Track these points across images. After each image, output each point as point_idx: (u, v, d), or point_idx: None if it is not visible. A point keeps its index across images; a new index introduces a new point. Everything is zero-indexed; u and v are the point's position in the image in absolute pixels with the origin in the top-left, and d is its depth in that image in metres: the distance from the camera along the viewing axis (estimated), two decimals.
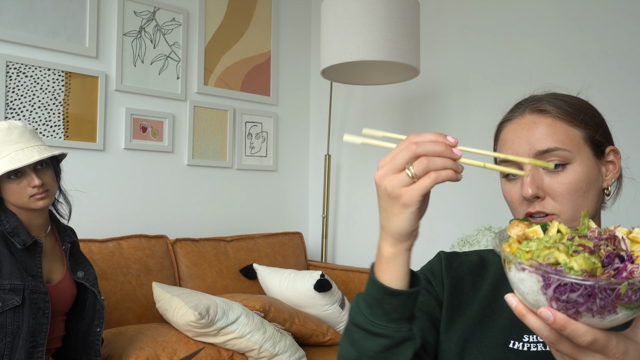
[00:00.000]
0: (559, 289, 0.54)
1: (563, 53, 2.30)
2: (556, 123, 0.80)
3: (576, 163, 0.79)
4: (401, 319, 0.70)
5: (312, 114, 3.41)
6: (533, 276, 0.55)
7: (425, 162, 0.63)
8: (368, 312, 0.71)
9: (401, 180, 0.65)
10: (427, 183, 0.63)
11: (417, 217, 0.66)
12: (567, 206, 0.78)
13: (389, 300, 0.69)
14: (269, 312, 2.20)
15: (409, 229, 0.67)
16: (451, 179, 0.64)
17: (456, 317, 0.86)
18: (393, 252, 0.69)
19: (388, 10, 2.12)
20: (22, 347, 1.48)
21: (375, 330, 0.70)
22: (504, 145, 0.84)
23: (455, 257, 0.93)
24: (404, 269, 0.69)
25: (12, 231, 1.55)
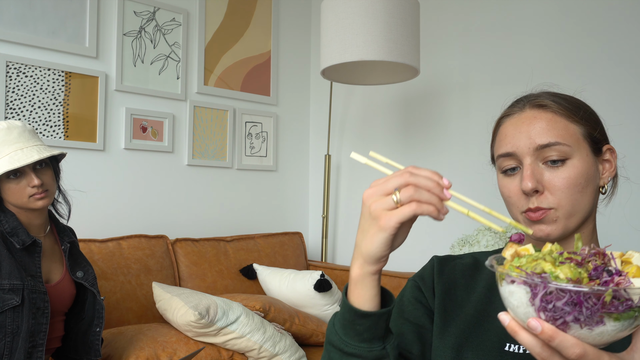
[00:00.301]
0: (545, 298, 0.54)
1: (563, 53, 2.30)
2: (556, 118, 0.81)
3: (575, 158, 0.79)
4: (373, 338, 0.71)
5: (312, 114, 3.41)
6: (522, 288, 0.56)
7: (411, 191, 0.65)
8: (342, 332, 0.72)
9: (385, 203, 0.66)
10: (406, 211, 0.64)
11: (389, 244, 0.67)
12: (565, 201, 0.78)
13: (359, 321, 0.70)
14: (269, 312, 2.20)
15: (378, 253, 0.67)
16: (432, 214, 0.65)
17: (450, 322, 0.85)
18: (360, 274, 0.70)
19: (388, 10, 2.12)
20: (22, 347, 1.48)
21: (349, 350, 0.71)
22: (503, 140, 0.84)
23: (447, 261, 0.93)
24: (371, 291, 0.70)
25: (11, 231, 1.55)
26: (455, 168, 2.66)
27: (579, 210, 0.79)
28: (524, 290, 0.56)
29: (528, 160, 0.79)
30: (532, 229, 0.79)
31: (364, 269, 0.70)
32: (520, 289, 0.56)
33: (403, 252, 2.73)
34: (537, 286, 0.54)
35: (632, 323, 0.54)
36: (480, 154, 2.56)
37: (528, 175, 0.78)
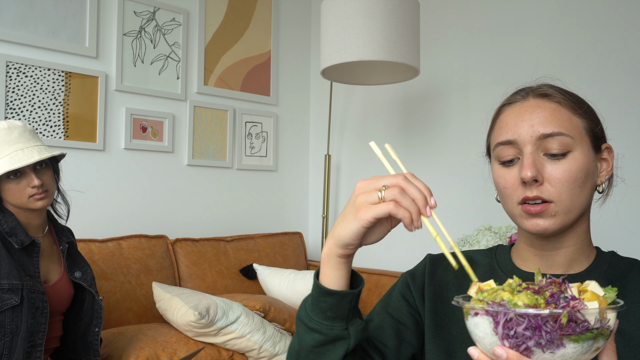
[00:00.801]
0: (507, 325, 0.56)
1: (563, 53, 2.30)
2: (560, 109, 0.79)
3: (577, 152, 0.77)
4: (336, 317, 0.73)
5: (312, 114, 3.41)
6: (485, 318, 0.58)
7: (396, 192, 0.67)
8: (310, 308, 0.75)
9: (370, 196, 0.69)
10: (383, 208, 0.67)
11: (360, 235, 0.70)
12: (564, 194, 0.76)
13: (323, 298, 0.73)
14: (269, 312, 2.20)
15: (347, 239, 0.70)
16: (405, 220, 0.67)
17: (443, 325, 0.84)
18: (327, 253, 0.73)
19: (388, 10, 2.12)
20: (21, 347, 1.48)
21: (311, 325, 0.74)
22: (503, 127, 0.82)
23: (440, 262, 0.91)
24: (338, 273, 0.73)
25: (10, 231, 1.55)
26: (454, 168, 2.66)
27: (577, 205, 0.77)
28: (487, 321, 0.57)
29: (529, 148, 0.77)
30: (527, 223, 0.78)
31: (332, 250, 0.72)
32: (483, 320, 0.58)
33: (403, 252, 2.74)
34: (498, 314, 0.56)
35: (592, 345, 0.56)
36: (480, 154, 2.56)
37: (529, 163, 0.76)
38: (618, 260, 0.83)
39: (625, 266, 0.82)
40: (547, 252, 0.82)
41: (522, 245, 0.86)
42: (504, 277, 0.84)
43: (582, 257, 0.82)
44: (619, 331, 0.75)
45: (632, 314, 0.76)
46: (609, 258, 0.83)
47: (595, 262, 0.82)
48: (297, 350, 0.77)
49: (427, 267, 0.90)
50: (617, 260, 0.83)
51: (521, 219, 0.79)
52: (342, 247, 0.71)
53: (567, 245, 0.81)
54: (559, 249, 0.81)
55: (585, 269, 0.82)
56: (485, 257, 0.90)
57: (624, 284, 0.79)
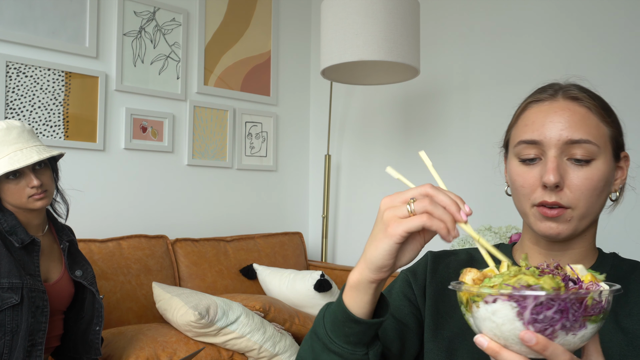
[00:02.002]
0: (535, 309, 0.55)
1: (563, 53, 2.30)
2: (590, 115, 0.77)
3: (600, 160, 0.76)
4: (359, 343, 0.70)
5: (312, 114, 3.41)
6: (506, 304, 0.56)
7: (426, 203, 0.63)
8: (330, 327, 0.71)
9: (398, 210, 0.64)
10: (416, 221, 0.62)
11: (394, 253, 0.65)
12: (583, 202, 0.75)
13: (349, 324, 0.69)
14: (269, 312, 2.20)
15: (380, 261, 0.65)
16: (441, 232, 0.62)
17: (443, 323, 0.83)
18: (358, 279, 0.68)
19: (388, 10, 2.12)
20: (21, 346, 1.48)
21: (332, 348, 0.70)
22: (529, 125, 0.79)
23: (442, 258, 0.90)
24: (366, 298, 0.68)
25: (10, 230, 1.55)
26: (454, 168, 2.66)
27: (591, 213, 0.77)
28: (510, 306, 0.56)
29: (553, 152, 0.75)
30: (541, 225, 0.77)
31: (363, 275, 0.67)
32: (505, 306, 0.56)
33: None
34: (527, 299, 0.55)
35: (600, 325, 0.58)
36: (480, 154, 2.56)
37: (553, 168, 0.74)
38: (620, 262, 0.83)
39: (627, 267, 0.82)
40: (554, 252, 0.82)
41: (527, 244, 0.85)
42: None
43: (586, 259, 0.82)
44: (622, 329, 0.75)
45: (635, 313, 0.76)
46: (611, 259, 0.83)
47: (597, 263, 0.83)
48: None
49: (429, 265, 0.89)
50: (619, 261, 0.83)
51: (534, 220, 0.78)
52: (376, 270, 0.66)
53: (574, 247, 0.81)
54: (565, 251, 0.81)
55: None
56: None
57: (626, 285, 0.79)
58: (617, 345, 0.74)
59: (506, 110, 2.64)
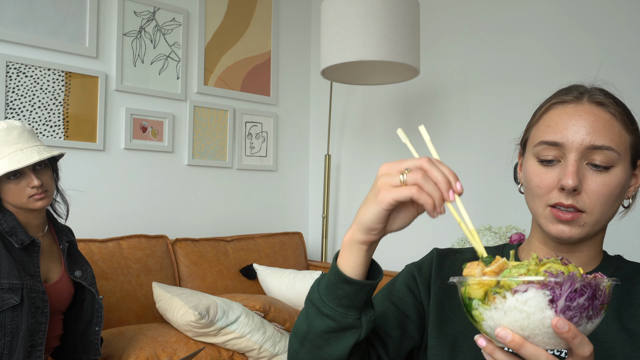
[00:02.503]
0: (569, 297, 0.55)
1: (563, 53, 2.30)
2: (614, 122, 0.77)
3: (619, 167, 0.76)
4: (351, 306, 0.71)
5: (312, 114, 3.41)
6: (539, 292, 0.55)
7: (418, 176, 0.64)
8: (324, 292, 0.72)
9: (392, 178, 0.66)
10: (405, 192, 0.64)
11: (382, 219, 0.66)
12: (598, 208, 0.75)
13: (341, 285, 0.70)
14: (269, 312, 2.20)
15: (368, 223, 0.67)
16: (427, 205, 0.64)
17: (448, 321, 0.83)
18: (350, 239, 0.70)
19: (388, 10, 2.12)
20: (21, 346, 1.48)
21: (325, 311, 0.72)
22: (552, 127, 0.78)
23: (448, 255, 0.90)
24: (358, 259, 0.70)
25: (10, 230, 1.55)
26: (454, 168, 2.65)
27: (604, 219, 0.77)
28: (543, 294, 0.55)
29: (574, 156, 0.75)
30: (553, 227, 0.77)
31: (354, 235, 0.69)
32: (538, 294, 0.55)
33: (403, 251, 2.74)
34: (562, 286, 0.55)
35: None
36: (480, 154, 2.56)
37: (573, 172, 0.74)
38: (624, 264, 0.84)
39: (632, 270, 0.82)
40: (561, 253, 0.82)
41: (535, 243, 0.85)
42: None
43: (592, 261, 0.83)
44: (626, 330, 0.75)
45: (639, 314, 0.76)
46: (616, 262, 0.84)
47: (602, 265, 0.83)
48: (304, 333, 0.75)
49: (435, 262, 0.89)
50: (624, 264, 0.84)
51: (546, 221, 0.78)
52: (365, 232, 0.68)
53: (582, 250, 0.81)
54: (572, 252, 0.81)
55: (591, 270, 0.82)
56: (492, 254, 0.90)
57: (631, 287, 0.79)
58: (621, 346, 0.74)
59: (506, 110, 2.65)
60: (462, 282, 0.61)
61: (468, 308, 0.61)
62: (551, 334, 0.56)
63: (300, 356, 0.76)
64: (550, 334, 0.56)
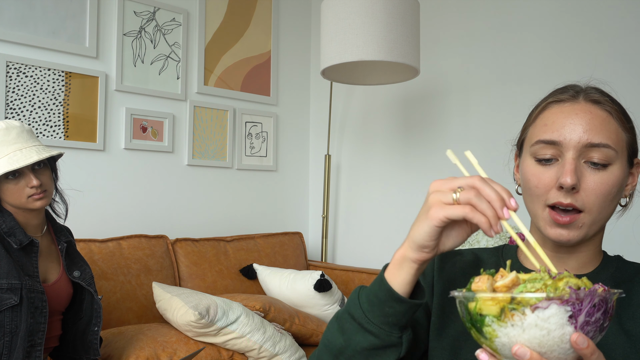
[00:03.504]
0: (589, 312, 0.55)
1: (563, 53, 2.30)
2: (611, 120, 0.77)
3: (616, 165, 0.76)
4: (395, 324, 0.70)
5: (312, 114, 3.41)
6: (561, 309, 0.55)
7: (472, 195, 0.64)
8: (367, 308, 0.71)
9: (444, 196, 0.65)
10: (458, 211, 0.64)
11: (434, 236, 0.66)
12: (596, 206, 0.75)
13: (391, 304, 0.69)
14: (269, 312, 2.20)
15: (420, 241, 0.66)
16: (482, 225, 0.63)
17: (448, 322, 0.83)
18: (402, 255, 0.69)
19: (388, 10, 2.12)
20: (20, 347, 1.48)
21: (369, 328, 0.70)
22: (549, 125, 0.78)
23: (448, 257, 0.90)
24: (408, 278, 0.69)
25: (9, 231, 1.55)
26: (454, 168, 2.65)
27: (602, 218, 0.77)
28: (564, 311, 0.54)
29: (572, 154, 0.75)
30: (551, 231, 0.77)
31: (407, 253, 0.69)
32: (559, 311, 0.55)
33: None
34: (583, 301, 0.54)
35: None
36: (480, 154, 2.55)
37: (572, 170, 0.74)
38: (624, 264, 0.83)
39: (631, 270, 0.82)
40: (561, 254, 0.82)
41: None
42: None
43: (592, 261, 0.83)
44: (625, 332, 0.75)
45: (639, 316, 0.76)
46: (616, 262, 0.84)
47: (602, 265, 0.83)
48: (340, 348, 0.73)
49: (436, 264, 0.89)
50: (624, 264, 0.83)
51: (544, 224, 0.78)
52: (417, 249, 0.67)
53: (581, 250, 0.81)
54: (571, 254, 0.81)
55: (592, 271, 0.82)
56: (491, 256, 0.90)
57: (630, 287, 0.79)
58: (621, 347, 0.74)
59: (506, 110, 2.65)
60: (471, 297, 0.59)
61: (479, 324, 0.59)
62: (567, 349, 0.55)
63: None
64: (566, 350, 0.55)
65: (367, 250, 3.04)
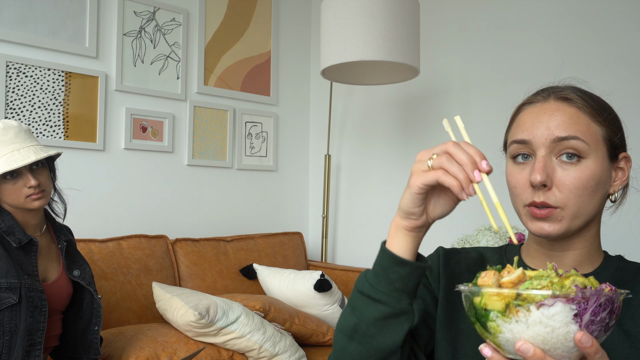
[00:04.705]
0: (594, 311, 0.55)
1: (563, 53, 2.30)
2: (580, 114, 0.78)
3: (590, 159, 0.76)
4: (403, 290, 0.72)
5: (312, 114, 3.41)
6: (566, 307, 0.55)
7: (443, 160, 0.66)
8: (374, 280, 0.73)
9: (422, 164, 0.69)
10: (430, 176, 0.67)
11: (417, 202, 0.69)
12: (572, 201, 0.75)
13: (394, 269, 0.71)
14: (269, 312, 2.20)
15: (406, 208, 0.70)
16: (453, 188, 0.65)
17: (452, 317, 0.84)
18: (395, 224, 0.73)
19: (388, 10, 2.12)
20: (20, 346, 1.48)
21: (378, 297, 0.72)
22: (520, 126, 0.81)
23: (453, 254, 0.91)
24: (405, 245, 0.72)
25: (8, 230, 1.55)
26: None
27: (584, 212, 0.77)
28: (569, 309, 0.55)
29: (542, 151, 0.77)
30: (532, 225, 0.78)
31: (397, 221, 0.73)
32: (565, 309, 0.55)
33: None
34: (588, 300, 0.54)
35: None
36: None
37: (540, 167, 0.75)
38: (625, 264, 0.83)
39: (632, 270, 0.82)
40: (555, 252, 0.82)
41: (532, 244, 0.86)
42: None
43: (590, 260, 0.82)
44: (625, 332, 0.75)
45: (639, 316, 0.76)
46: (617, 262, 0.84)
47: (602, 265, 0.83)
48: (353, 325, 0.74)
49: (441, 259, 0.90)
50: (625, 264, 0.84)
51: (526, 220, 0.79)
52: (405, 217, 0.71)
53: (575, 248, 0.81)
54: (566, 251, 0.82)
55: (592, 271, 0.82)
56: (495, 254, 0.91)
57: (631, 287, 0.79)
58: (620, 347, 0.74)
59: (506, 110, 2.64)
60: (477, 292, 0.59)
61: (484, 319, 0.59)
62: (571, 347, 0.55)
63: (350, 351, 0.74)
64: (570, 348, 0.55)
65: (367, 250, 3.03)
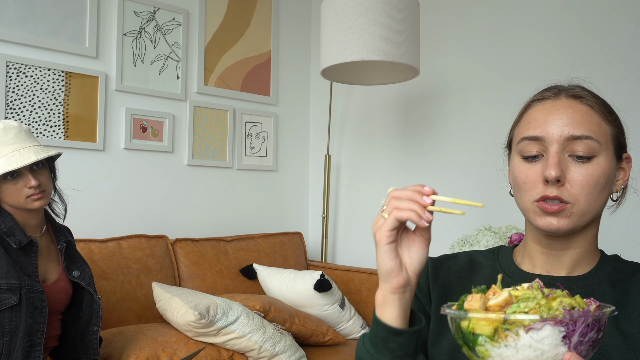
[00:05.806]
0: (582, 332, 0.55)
1: (564, 53, 2.30)
2: (592, 113, 0.79)
3: (601, 157, 0.77)
4: (405, 355, 0.73)
5: (312, 114, 3.41)
6: (555, 329, 0.55)
7: (393, 203, 0.71)
8: (374, 350, 0.74)
9: (378, 221, 0.73)
10: (389, 220, 0.70)
11: (390, 255, 0.71)
12: (583, 198, 0.76)
13: (392, 338, 0.72)
14: (269, 312, 2.20)
15: (385, 267, 0.72)
16: (412, 219, 0.69)
17: (446, 327, 0.83)
18: (382, 295, 0.74)
19: (388, 10, 2.12)
20: (20, 346, 1.48)
21: None
22: (532, 122, 0.81)
23: (442, 263, 0.91)
24: (398, 310, 0.73)
25: (8, 231, 1.55)
26: (454, 168, 2.65)
27: (592, 210, 0.77)
28: (558, 331, 0.55)
29: (555, 148, 0.77)
30: (541, 221, 0.78)
31: (383, 289, 0.73)
32: (554, 332, 0.55)
33: None
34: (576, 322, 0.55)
35: None
36: (480, 154, 2.56)
37: (555, 163, 0.76)
38: (622, 264, 0.83)
39: (628, 270, 0.82)
40: (555, 251, 0.82)
41: (530, 243, 0.85)
42: (506, 279, 0.85)
43: (587, 260, 0.83)
44: (622, 333, 0.75)
45: (636, 316, 0.76)
46: (613, 261, 0.84)
47: (599, 265, 0.83)
48: None
49: (430, 272, 0.90)
50: (621, 263, 0.84)
51: (534, 215, 0.79)
52: (386, 278, 0.72)
53: (575, 246, 0.81)
54: (566, 250, 0.82)
55: (589, 271, 0.82)
56: (487, 259, 0.90)
57: (627, 287, 0.79)
58: (617, 348, 0.74)
59: (506, 110, 2.65)
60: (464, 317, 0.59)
61: (472, 344, 0.59)
62: None
63: None
64: None
65: (367, 250, 3.03)
